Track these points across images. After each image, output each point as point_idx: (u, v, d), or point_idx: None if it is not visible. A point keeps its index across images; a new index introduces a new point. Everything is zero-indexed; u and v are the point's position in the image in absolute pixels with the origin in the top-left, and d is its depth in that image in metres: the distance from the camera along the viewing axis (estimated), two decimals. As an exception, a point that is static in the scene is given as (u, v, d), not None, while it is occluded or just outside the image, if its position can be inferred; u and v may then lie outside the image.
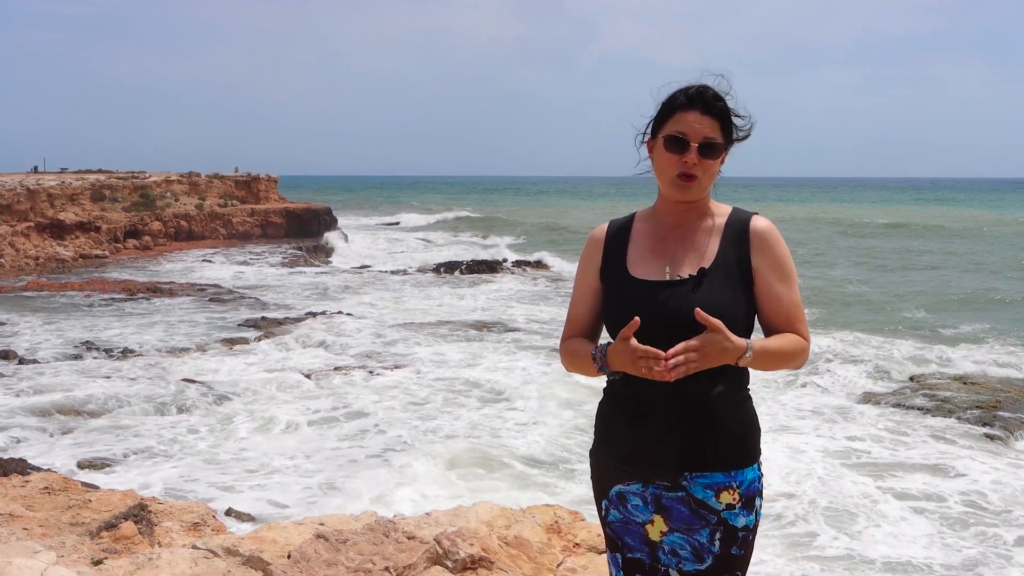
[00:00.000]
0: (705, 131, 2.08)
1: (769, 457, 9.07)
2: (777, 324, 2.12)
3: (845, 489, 8.67)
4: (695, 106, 2.09)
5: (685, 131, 2.08)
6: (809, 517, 8.00)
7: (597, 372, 2.14)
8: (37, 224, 31.35)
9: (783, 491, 8.54)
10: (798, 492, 8.57)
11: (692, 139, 2.07)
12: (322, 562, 3.48)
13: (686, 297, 2.06)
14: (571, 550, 4.10)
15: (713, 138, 2.09)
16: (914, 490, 8.79)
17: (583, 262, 2.29)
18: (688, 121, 2.08)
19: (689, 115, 2.09)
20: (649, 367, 1.97)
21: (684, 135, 2.08)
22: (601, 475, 2.22)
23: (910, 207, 70.99)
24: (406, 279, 27.42)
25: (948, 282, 25.30)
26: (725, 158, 2.15)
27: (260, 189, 43.69)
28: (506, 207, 71.09)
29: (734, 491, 2.08)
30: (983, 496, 8.61)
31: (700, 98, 2.10)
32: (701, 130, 2.08)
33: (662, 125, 2.13)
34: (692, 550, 2.09)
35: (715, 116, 2.10)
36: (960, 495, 8.63)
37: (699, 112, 2.09)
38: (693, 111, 2.09)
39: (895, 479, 9.12)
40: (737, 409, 2.12)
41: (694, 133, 2.07)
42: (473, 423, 11.15)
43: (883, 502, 8.39)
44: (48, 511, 4.61)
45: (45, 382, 13.00)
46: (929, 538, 7.64)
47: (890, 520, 7.99)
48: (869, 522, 7.93)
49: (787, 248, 2.16)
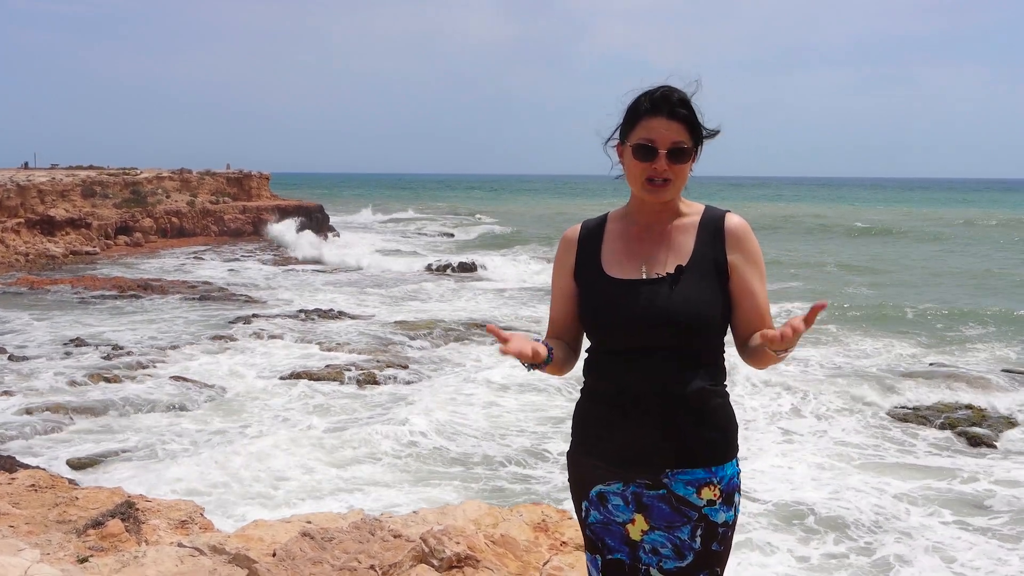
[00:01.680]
0: (672, 136, 2.07)
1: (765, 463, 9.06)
2: (752, 319, 2.13)
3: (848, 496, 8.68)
4: (660, 112, 2.08)
5: (653, 138, 2.07)
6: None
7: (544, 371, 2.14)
8: (27, 220, 31.22)
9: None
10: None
11: (660, 146, 2.07)
12: (307, 560, 3.48)
13: (665, 296, 2.06)
14: (558, 548, 4.11)
15: (681, 142, 2.08)
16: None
17: (557, 264, 2.29)
18: (655, 127, 2.07)
19: (655, 121, 2.08)
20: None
21: (652, 142, 2.07)
22: (581, 476, 2.22)
23: (894, 207, 71.34)
24: (400, 277, 27.40)
25: (938, 284, 25.42)
26: (696, 157, 2.14)
27: (252, 186, 43.60)
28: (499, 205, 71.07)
29: (715, 487, 2.09)
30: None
31: (665, 102, 2.08)
32: (668, 136, 2.07)
33: (630, 131, 2.12)
34: (673, 548, 2.10)
35: (681, 120, 2.08)
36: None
37: (665, 118, 2.08)
38: (659, 117, 2.08)
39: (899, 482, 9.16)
40: (717, 406, 2.13)
41: (662, 140, 2.07)
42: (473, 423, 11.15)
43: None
44: (35, 508, 4.60)
45: (34, 379, 12.96)
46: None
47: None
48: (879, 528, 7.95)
49: (759, 245, 2.18)
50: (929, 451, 10.20)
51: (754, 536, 7.55)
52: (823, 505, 8.29)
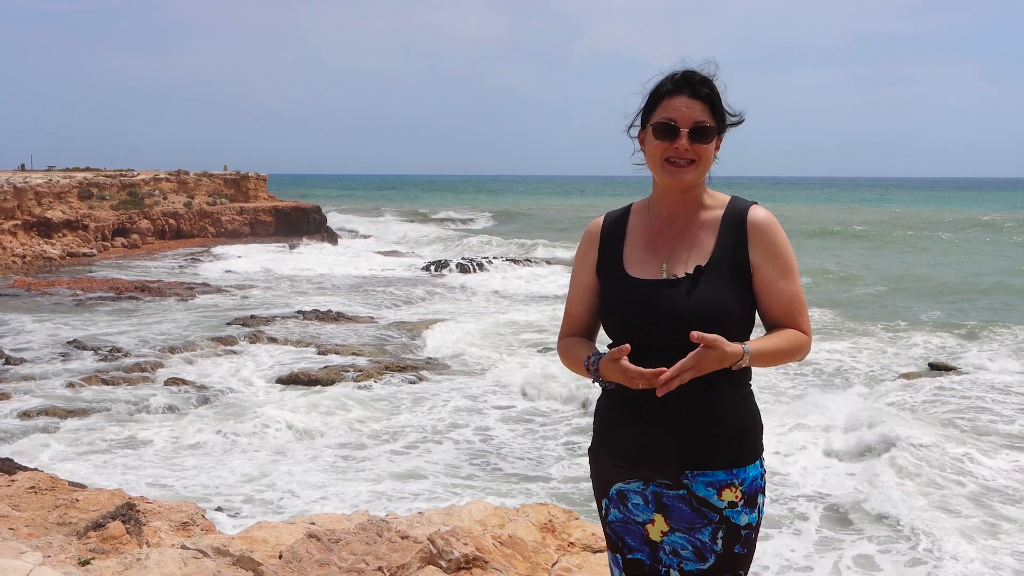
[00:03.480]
0: (695, 115, 2.02)
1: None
2: (778, 319, 2.08)
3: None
4: (682, 91, 2.04)
5: (674, 117, 2.03)
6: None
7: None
8: (24, 222, 31.13)
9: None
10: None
11: (682, 124, 2.02)
12: (314, 562, 3.43)
13: (682, 297, 2.02)
14: (566, 549, 4.06)
15: (704, 121, 2.03)
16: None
17: (579, 257, 2.24)
18: (676, 106, 2.03)
19: (676, 100, 2.03)
20: (647, 384, 1.94)
21: (673, 121, 2.03)
22: (601, 474, 2.18)
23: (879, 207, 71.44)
24: (397, 277, 27.35)
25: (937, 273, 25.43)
26: (720, 144, 2.09)
27: (249, 187, 43.55)
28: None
29: (736, 489, 2.04)
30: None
31: (687, 82, 2.04)
32: (690, 114, 2.02)
33: (651, 114, 2.08)
34: (694, 550, 2.06)
35: (703, 99, 2.04)
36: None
37: (687, 96, 2.03)
38: (680, 96, 2.04)
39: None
40: (739, 406, 2.08)
41: (683, 118, 2.02)
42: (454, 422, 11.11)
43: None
44: (35, 511, 4.54)
45: (32, 382, 12.89)
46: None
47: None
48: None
49: (787, 239, 2.10)
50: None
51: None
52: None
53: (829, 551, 7.27)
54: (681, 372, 1.91)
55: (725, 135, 2.11)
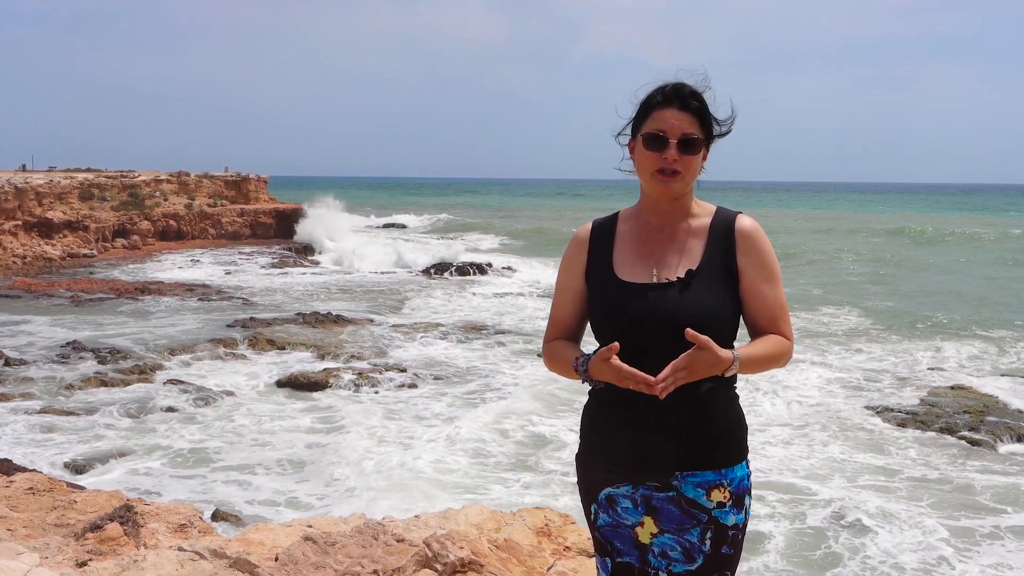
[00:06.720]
0: (683, 127, 2.08)
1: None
2: (761, 324, 2.13)
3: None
4: (672, 103, 2.09)
5: (663, 128, 2.08)
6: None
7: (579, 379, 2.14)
8: (25, 223, 31.15)
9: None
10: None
11: (671, 136, 2.07)
12: (310, 565, 3.45)
13: (674, 300, 2.06)
14: (561, 553, 4.08)
15: (692, 134, 2.08)
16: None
17: (566, 262, 2.27)
18: (666, 118, 2.08)
19: (666, 112, 2.09)
20: (636, 385, 1.97)
21: (662, 132, 2.08)
22: (590, 479, 2.20)
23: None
24: (397, 280, 27.36)
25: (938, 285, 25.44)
26: (707, 154, 2.15)
27: (250, 189, 43.56)
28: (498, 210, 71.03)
29: (725, 489, 2.07)
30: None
31: (676, 94, 2.10)
32: (679, 126, 2.08)
33: (641, 124, 2.14)
34: (683, 551, 2.08)
35: (692, 112, 2.10)
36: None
37: (676, 108, 2.09)
38: (670, 108, 2.09)
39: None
40: (726, 407, 2.12)
41: (672, 130, 2.07)
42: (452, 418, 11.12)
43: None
44: (32, 512, 4.55)
45: (31, 383, 12.91)
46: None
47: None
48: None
49: (771, 247, 2.16)
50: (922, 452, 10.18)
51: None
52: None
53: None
54: (675, 372, 1.94)
55: (713, 145, 2.16)
